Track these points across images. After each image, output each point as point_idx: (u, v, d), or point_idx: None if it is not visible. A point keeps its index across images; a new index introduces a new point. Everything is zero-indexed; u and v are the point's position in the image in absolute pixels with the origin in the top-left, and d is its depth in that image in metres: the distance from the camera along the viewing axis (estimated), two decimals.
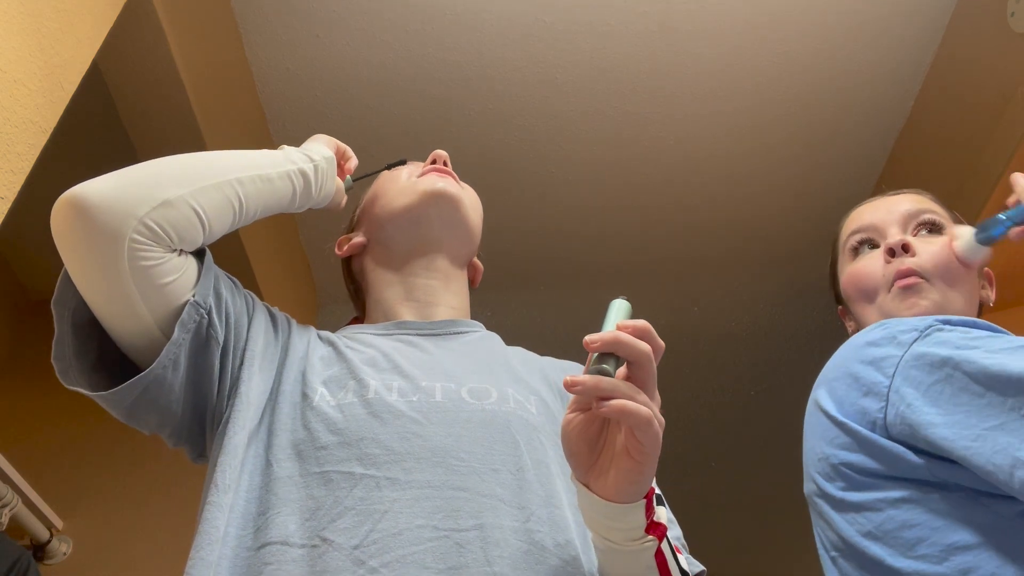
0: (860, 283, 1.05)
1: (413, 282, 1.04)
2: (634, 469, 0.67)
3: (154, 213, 0.78)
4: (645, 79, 2.04)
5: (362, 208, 1.15)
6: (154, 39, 1.49)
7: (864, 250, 1.07)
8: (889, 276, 1.01)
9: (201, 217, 0.82)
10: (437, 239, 1.05)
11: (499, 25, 1.91)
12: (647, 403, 0.66)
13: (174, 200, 0.79)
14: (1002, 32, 1.79)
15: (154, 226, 0.77)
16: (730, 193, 2.35)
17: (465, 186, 1.11)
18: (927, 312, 0.97)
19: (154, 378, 0.79)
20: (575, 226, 2.41)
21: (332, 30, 1.90)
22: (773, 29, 1.96)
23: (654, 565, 0.71)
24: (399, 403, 0.84)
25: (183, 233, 0.80)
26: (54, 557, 1.91)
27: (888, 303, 1.01)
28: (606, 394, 0.65)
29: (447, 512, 0.75)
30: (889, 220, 1.06)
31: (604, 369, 0.66)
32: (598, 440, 0.70)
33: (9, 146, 0.98)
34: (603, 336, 0.67)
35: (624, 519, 0.69)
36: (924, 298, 0.98)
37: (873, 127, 2.20)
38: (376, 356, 0.91)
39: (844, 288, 1.09)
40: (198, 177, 0.83)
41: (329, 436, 0.81)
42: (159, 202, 0.78)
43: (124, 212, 0.76)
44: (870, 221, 1.08)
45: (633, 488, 0.68)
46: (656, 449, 0.67)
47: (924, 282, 0.99)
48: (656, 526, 0.71)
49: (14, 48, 1.00)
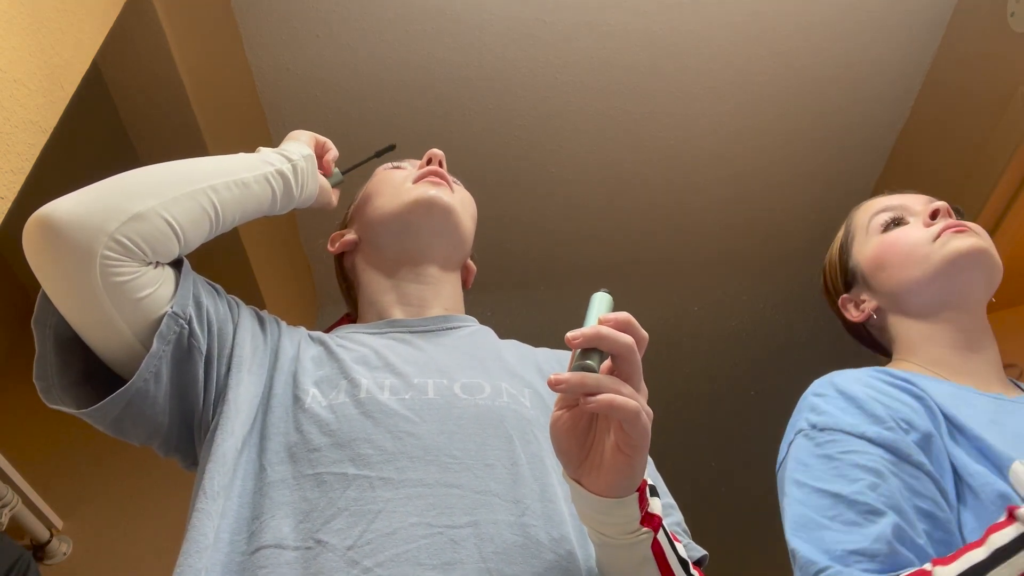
0: (902, 246, 1.02)
1: (405, 287, 1.03)
2: (624, 463, 0.67)
3: (124, 228, 0.77)
4: (645, 79, 2.04)
5: (356, 205, 1.13)
6: (154, 39, 1.49)
7: (893, 228, 1.05)
8: (935, 231, 1.00)
9: (175, 228, 0.81)
10: (428, 248, 1.04)
11: (499, 25, 1.91)
12: (634, 396, 0.66)
13: (145, 212, 0.78)
14: (1002, 32, 1.79)
15: (125, 241, 0.77)
16: (730, 193, 2.34)
17: (459, 188, 1.10)
18: (981, 250, 0.98)
19: (136, 391, 0.79)
20: (575, 226, 2.41)
21: (332, 30, 1.90)
22: (772, 30, 1.96)
23: (651, 556, 0.71)
24: (391, 401, 0.84)
25: (156, 246, 0.80)
26: (54, 557, 1.91)
27: (938, 250, 0.98)
28: (591, 390, 0.65)
29: (441, 509, 0.75)
30: (914, 201, 1.06)
31: (588, 365, 0.66)
32: (587, 436, 0.70)
33: (9, 146, 0.98)
34: (584, 332, 0.66)
35: (618, 513, 0.69)
36: (983, 242, 0.99)
37: (873, 127, 2.20)
38: (368, 354, 0.91)
39: (877, 258, 1.05)
40: (169, 187, 0.82)
41: (322, 438, 0.80)
42: (129, 216, 0.77)
43: (94, 228, 0.75)
44: (898, 203, 1.07)
45: (625, 482, 0.68)
46: (645, 442, 0.67)
47: (976, 235, 0.99)
48: (651, 518, 0.71)
49: (14, 48, 1.00)
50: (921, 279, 0.99)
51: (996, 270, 1.00)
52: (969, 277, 0.98)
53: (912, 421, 0.86)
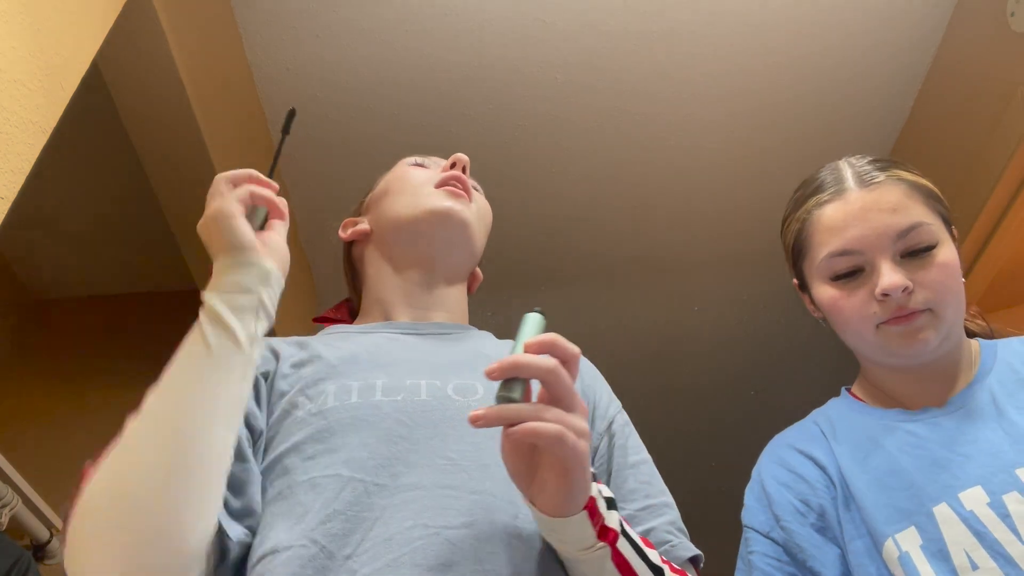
0: (847, 314, 0.95)
1: (411, 289, 1.03)
2: (563, 485, 0.68)
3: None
4: (645, 79, 2.04)
5: (373, 195, 1.12)
6: (154, 39, 1.48)
7: (845, 282, 0.95)
8: (883, 316, 0.91)
9: (215, 535, 0.72)
10: (439, 257, 1.03)
11: (499, 25, 1.91)
12: (558, 418, 0.66)
13: (186, 547, 0.69)
14: (1002, 32, 1.79)
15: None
16: (730, 193, 2.35)
17: (478, 196, 1.09)
18: (931, 345, 0.91)
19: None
20: (574, 226, 2.41)
21: (332, 30, 1.90)
22: (772, 30, 1.96)
23: (614, 569, 0.72)
24: (384, 403, 0.83)
25: (208, 553, 0.71)
26: (54, 557, 1.91)
27: (884, 342, 0.92)
28: (510, 421, 0.65)
29: (436, 511, 0.75)
30: (878, 245, 0.92)
31: (507, 397, 0.67)
32: (532, 458, 0.70)
33: (9, 146, 0.98)
34: (501, 364, 0.66)
35: (569, 531, 0.70)
36: (930, 329, 0.91)
37: (873, 127, 2.20)
38: (358, 353, 0.90)
39: (826, 311, 0.99)
40: (196, 499, 0.70)
41: (315, 446, 0.80)
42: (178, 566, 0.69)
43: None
44: (856, 241, 0.93)
45: (568, 501, 0.68)
46: (577, 462, 0.67)
47: (928, 313, 0.91)
48: (606, 531, 0.71)
49: (14, 48, 1.00)
50: (862, 352, 0.99)
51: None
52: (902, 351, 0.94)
53: (809, 501, 0.95)
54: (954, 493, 0.86)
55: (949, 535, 0.84)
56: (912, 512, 0.87)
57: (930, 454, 0.90)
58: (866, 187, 0.96)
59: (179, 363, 0.74)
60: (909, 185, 0.96)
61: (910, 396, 0.97)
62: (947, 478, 0.87)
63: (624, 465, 0.90)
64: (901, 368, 0.96)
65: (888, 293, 0.90)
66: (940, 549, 0.83)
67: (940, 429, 0.92)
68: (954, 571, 0.82)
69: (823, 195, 0.99)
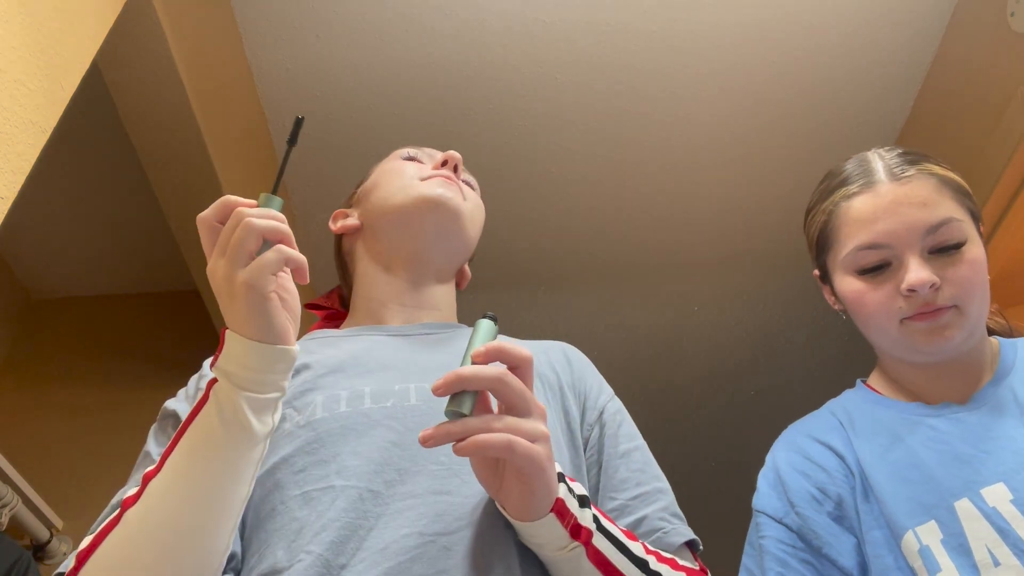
0: (871, 309, 0.94)
1: (401, 288, 1.02)
2: (524, 490, 0.68)
3: None
4: (645, 79, 2.04)
5: (363, 188, 1.11)
6: (154, 39, 1.48)
7: (871, 275, 0.94)
8: (908, 311, 0.91)
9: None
10: (428, 248, 1.01)
11: (499, 25, 1.91)
12: (509, 427, 0.66)
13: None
14: (1002, 32, 1.79)
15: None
16: (730, 194, 2.34)
17: (472, 195, 1.07)
18: (955, 342, 0.91)
19: None
20: (574, 226, 2.41)
21: (332, 30, 1.90)
22: (772, 30, 1.96)
23: (593, 567, 0.72)
24: (374, 410, 0.82)
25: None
26: (54, 557, 1.91)
27: (908, 337, 0.92)
28: (458, 437, 0.65)
29: (432, 517, 0.75)
30: (907, 240, 0.91)
31: (457, 412, 0.66)
32: (498, 466, 0.71)
33: (9, 146, 0.97)
34: (445, 379, 0.66)
35: (540, 534, 0.71)
36: (955, 326, 0.90)
37: (873, 128, 2.20)
38: (345, 360, 0.89)
39: (848, 304, 0.98)
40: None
41: (305, 458, 0.79)
42: None
43: None
44: (886, 235, 0.92)
45: (533, 505, 0.69)
46: (534, 467, 0.67)
47: (953, 310, 0.91)
48: (579, 530, 0.71)
49: (14, 48, 1.00)
50: (883, 347, 1.00)
51: None
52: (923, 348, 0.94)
53: (827, 489, 0.94)
54: (976, 489, 0.86)
55: (970, 530, 0.84)
56: (932, 506, 0.87)
57: (952, 449, 0.90)
58: (897, 180, 0.95)
59: (189, 453, 0.71)
60: (940, 180, 0.95)
61: (930, 391, 0.97)
62: (969, 474, 0.87)
63: (615, 455, 0.89)
64: (922, 364, 0.96)
65: (915, 289, 0.89)
66: (961, 544, 0.84)
67: (963, 425, 0.91)
68: (975, 566, 0.82)
69: (852, 187, 0.98)
